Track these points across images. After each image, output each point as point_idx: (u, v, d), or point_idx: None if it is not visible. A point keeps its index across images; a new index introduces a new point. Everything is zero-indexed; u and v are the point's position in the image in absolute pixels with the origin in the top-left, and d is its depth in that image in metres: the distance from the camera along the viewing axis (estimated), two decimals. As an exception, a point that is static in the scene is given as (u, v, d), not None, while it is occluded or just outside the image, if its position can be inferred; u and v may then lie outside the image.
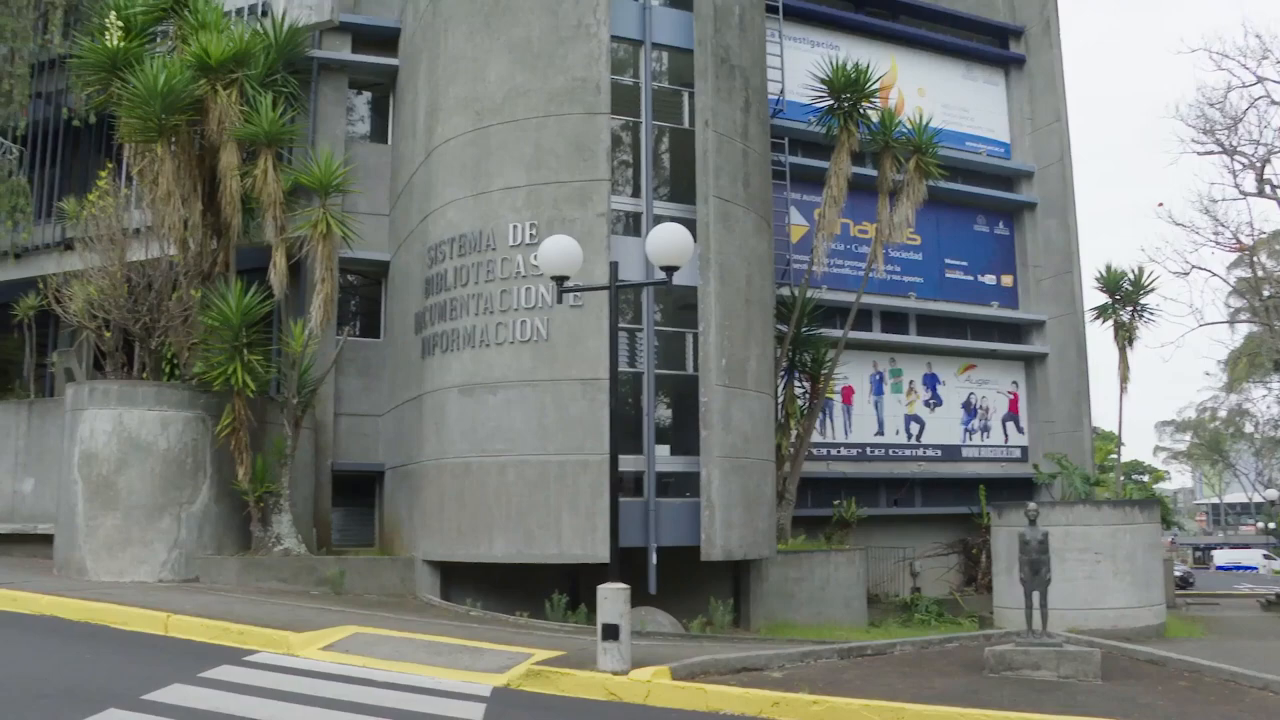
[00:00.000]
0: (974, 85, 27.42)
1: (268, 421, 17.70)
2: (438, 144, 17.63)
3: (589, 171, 16.32)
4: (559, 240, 11.74)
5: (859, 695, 9.66)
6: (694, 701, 9.81)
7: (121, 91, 17.40)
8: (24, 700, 8.63)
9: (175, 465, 16.65)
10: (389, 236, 20.51)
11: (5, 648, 11.28)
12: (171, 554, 16.45)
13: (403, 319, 19.13)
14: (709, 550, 16.16)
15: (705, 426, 16.38)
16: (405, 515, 18.22)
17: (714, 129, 17.15)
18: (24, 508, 19.77)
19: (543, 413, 15.91)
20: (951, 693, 10.06)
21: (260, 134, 17.29)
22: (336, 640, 11.90)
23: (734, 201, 17.34)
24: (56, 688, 9.28)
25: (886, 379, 25.06)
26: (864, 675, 11.01)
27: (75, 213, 18.86)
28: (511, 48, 17.11)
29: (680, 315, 17.15)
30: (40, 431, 19.71)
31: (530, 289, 16.21)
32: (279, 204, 17.55)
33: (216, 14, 18.39)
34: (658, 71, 17.79)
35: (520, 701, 9.78)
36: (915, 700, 9.49)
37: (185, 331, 17.49)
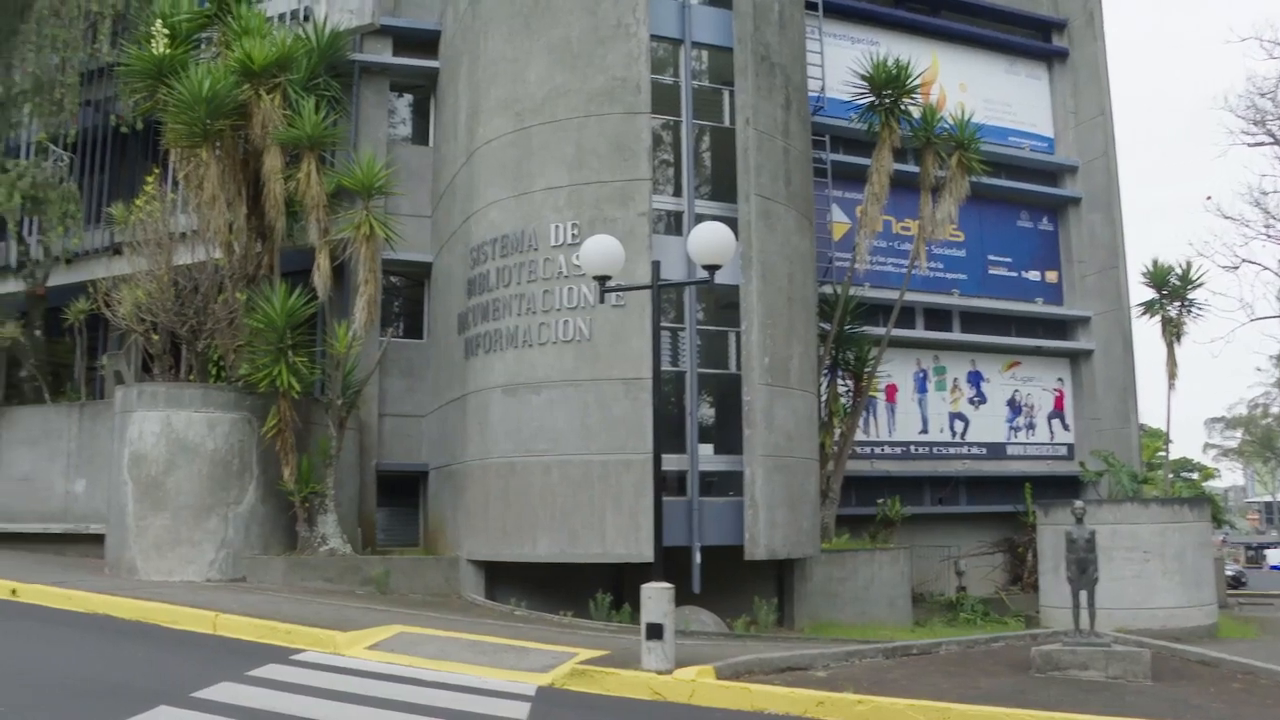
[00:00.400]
0: (1016, 80, 27.16)
1: (313, 422, 17.83)
2: (479, 145, 17.69)
3: (630, 171, 16.31)
4: (601, 240, 11.75)
5: (904, 695, 9.60)
6: (738, 701, 9.79)
7: (167, 98, 17.60)
8: (79, 696, 8.80)
9: (222, 466, 16.81)
10: (431, 238, 20.61)
11: (62, 645, 11.46)
12: (219, 554, 16.61)
13: (445, 320, 19.21)
14: (753, 549, 16.12)
15: (748, 425, 16.33)
16: (449, 515, 18.31)
17: (755, 127, 17.10)
18: (76, 508, 20.04)
19: (586, 412, 15.92)
20: (998, 693, 9.97)
21: (303, 137, 17.43)
22: (382, 639, 11.97)
23: (775, 199, 17.28)
24: (110, 684, 9.43)
25: (930, 377, 24.88)
26: (909, 675, 10.94)
27: (123, 218, 19.08)
28: (551, 48, 17.14)
29: (722, 314, 17.11)
30: (91, 433, 19.96)
31: (573, 289, 16.23)
32: (322, 206, 17.70)
33: (259, 20, 18.57)
34: (697, 70, 17.76)
35: (565, 701, 9.80)
36: (961, 700, 9.42)
37: (231, 334, 17.64)
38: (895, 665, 11.64)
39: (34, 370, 21.85)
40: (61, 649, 11.27)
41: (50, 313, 22.16)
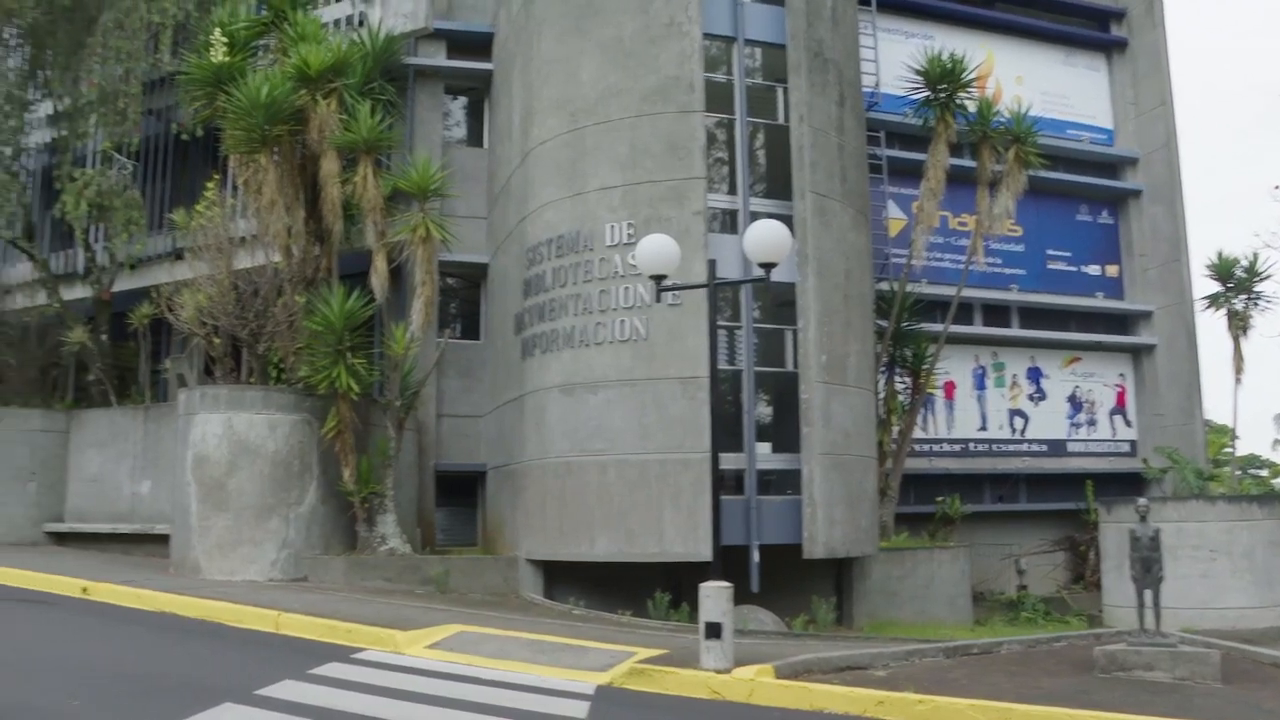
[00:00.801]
0: (1074, 71, 26.80)
1: (371, 423, 18.00)
2: (533, 146, 17.76)
3: (684, 170, 16.30)
4: (656, 239, 11.75)
5: (965, 695, 9.45)
6: (798, 700, 9.70)
7: (226, 105, 17.84)
8: (147, 693, 8.96)
9: (283, 467, 17.01)
10: (487, 239, 20.72)
11: (130, 642, 11.69)
12: (280, 554, 16.81)
13: (502, 320, 19.31)
14: (811, 548, 16.04)
15: (806, 423, 16.25)
16: (507, 515, 18.40)
17: (809, 124, 17.01)
18: (142, 509, 20.40)
19: (643, 412, 15.93)
20: (1060, 693, 9.77)
21: (359, 141, 17.58)
22: (442, 638, 12.03)
23: (831, 196, 17.18)
24: (176, 681, 9.58)
25: (989, 373, 24.62)
26: (970, 674, 10.79)
27: (185, 223, 19.36)
28: (604, 48, 17.16)
29: (779, 312, 17.04)
30: (156, 435, 20.30)
31: (629, 288, 16.24)
32: (379, 209, 17.83)
33: (315, 26, 18.76)
34: (750, 68, 17.69)
35: (624, 699, 9.79)
36: (1023, 700, 9.24)
37: (290, 336, 17.84)
38: (956, 665, 11.49)
39: (101, 374, 22.27)
40: (130, 646, 11.50)
41: (116, 318, 22.58)
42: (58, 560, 18.07)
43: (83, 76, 21.60)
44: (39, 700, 8.44)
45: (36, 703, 8.36)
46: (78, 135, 22.43)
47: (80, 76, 21.68)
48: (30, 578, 15.79)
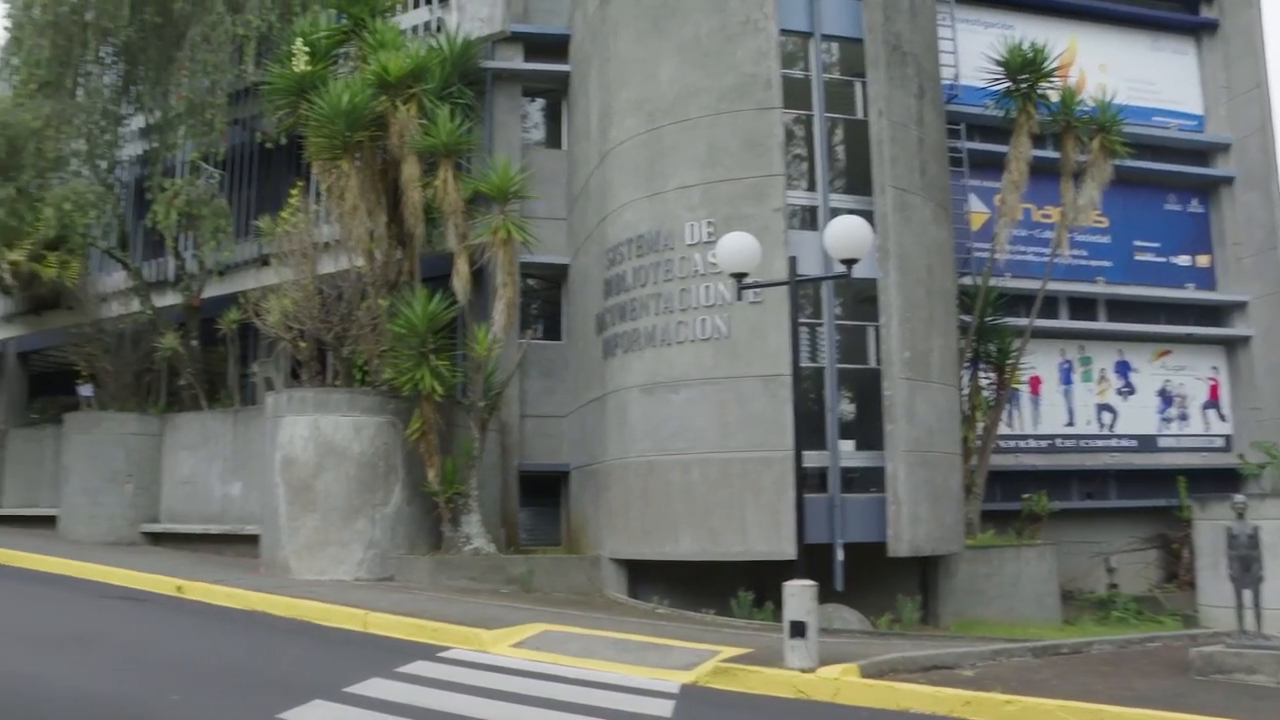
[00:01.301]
0: (1161, 56, 26.15)
1: (455, 425, 18.17)
2: (612, 146, 17.81)
3: (763, 167, 16.22)
4: (736, 237, 11.73)
5: (1054, 695, 9.25)
6: (883, 699, 9.61)
7: (309, 112, 18.16)
8: (240, 689, 9.20)
9: (368, 468, 17.26)
10: (567, 240, 20.81)
11: (222, 640, 11.95)
12: (367, 554, 17.06)
13: (583, 320, 19.40)
14: (896, 546, 15.88)
15: (889, 420, 16.09)
16: (591, 514, 18.47)
17: (888, 118, 16.84)
18: (233, 510, 20.83)
19: (724, 410, 15.89)
20: (1155, 695, 9.49)
21: (439, 145, 17.77)
22: (527, 637, 12.12)
23: (911, 191, 16.99)
24: (267, 679, 9.80)
25: (1076, 367, 24.15)
26: (1059, 674, 10.58)
27: (270, 230, 19.72)
28: (680, 47, 17.15)
29: (860, 308, 16.88)
30: (245, 438, 20.71)
31: (709, 287, 16.21)
32: (460, 212, 18.01)
33: (394, 33, 19.01)
34: (828, 63, 17.54)
35: (709, 698, 9.79)
36: (1115, 702, 9.00)
37: (374, 339, 18.07)
38: (1044, 664, 11.28)
39: (192, 378, 22.79)
40: (224, 643, 11.75)
41: (205, 323, 23.08)
42: (153, 559, 18.54)
43: (172, 90, 22.12)
44: (139, 694, 8.72)
45: (137, 697, 8.63)
46: (167, 147, 22.97)
47: (170, 90, 22.21)
48: (128, 576, 16.26)
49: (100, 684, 9.13)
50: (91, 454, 22.05)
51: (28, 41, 21.73)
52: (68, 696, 8.59)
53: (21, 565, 17.94)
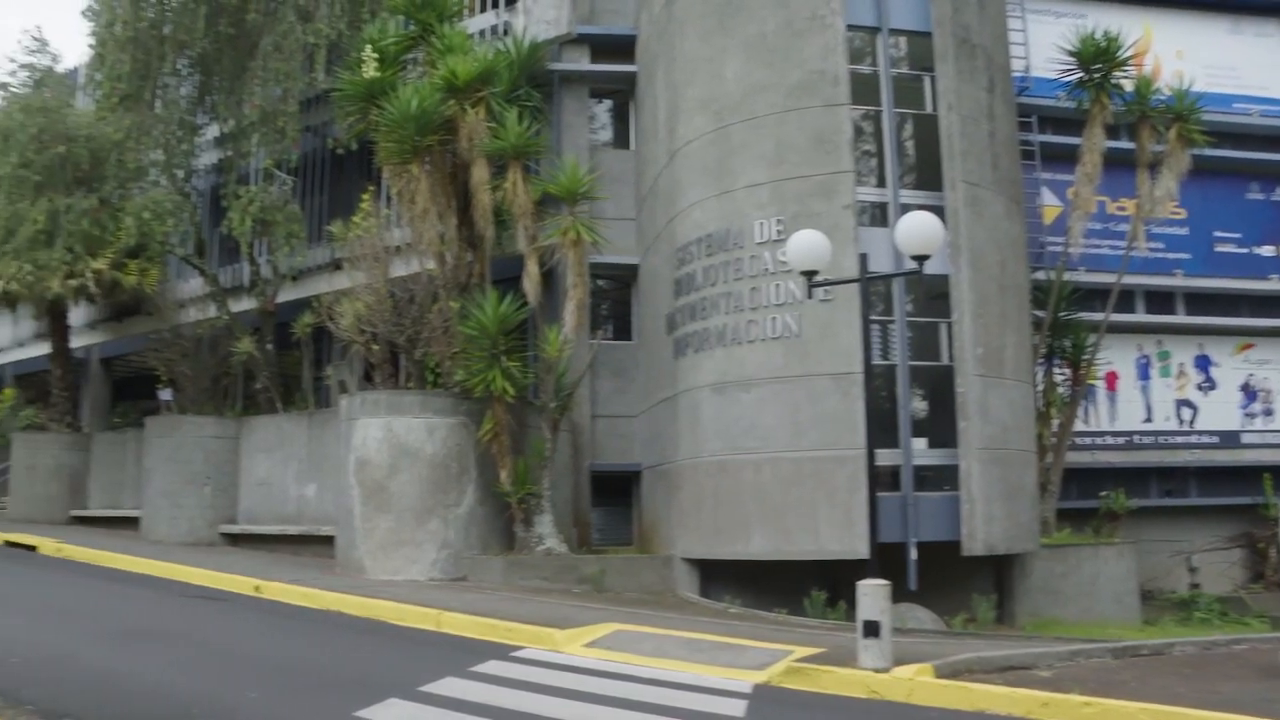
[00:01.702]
0: (1241, 40, 25.47)
1: (527, 425, 18.26)
2: (679, 146, 17.81)
3: (832, 164, 16.13)
4: (806, 235, 11.67)
5: (1135, 698, 9.02)
6: (958, 700, 9.48)
7: (378, 118, 18.36)
8: (317, 687, 9.36)
9: (441, 469, 17.40)
10: (636, 240, 20.85)
11: (300, 639, 12.14)
12: (440, 554, 17.20)
13: (653, 320, 19.42)
14: (970, 545, 15.69)
15: (962, 418, 15.91)
16: (662, 514, 18.48)
17: (957, 112, 16.65)
18: (308, 511, 21.12)
19: (796, 409, 15.82)
20: (1242, 699, 9.14)
21: (508, 148, 17.88)
22: (599, 637, 12.15)
23: (982, 185, 16.78)
24: (343, 677, 9.94)
25: (1154, 362, 23.67)
26: (1140, 676, 10.34)
27: (342, 235, 20.01)
28: (746, 45, 17.10)
29: (932, 305, 16.71)
30: (320, 440, 20.99)
31: (779, 285, 16.14)
32: (529, 214, 18.12)
33: (461, 37, 19.14)
34: (895, 58, 17.38)
35: (781, 698, 9.74)
36: (1199, 706, 8.71)
37: (446, 341, 18.23)
38: (1124, 666, 11.04)
39: (267, 382, 23.17)
40: (300, 642, 11.94)
41: (279, 327, 23.49)
42: (231, 560, 18.88)
43: (245, 99, 22.53)
44: (220, 691, 8.89)
45: (217, 693, 8.80)
46: (242, 155, 23.42)
47: (243, 99, 22.62)
48: (208, 576, 16.58)
49: (182, 680, 9.34)
50: (171, 457, 22.51)
51: (110, 57, 22.28)
52: (151, 692, 8.85)
53: (107, 565, 18.42)
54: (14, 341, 35.54)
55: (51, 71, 25.42)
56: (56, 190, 23.33)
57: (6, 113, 23.65)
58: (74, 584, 16.38)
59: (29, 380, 35.34)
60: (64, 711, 7.93)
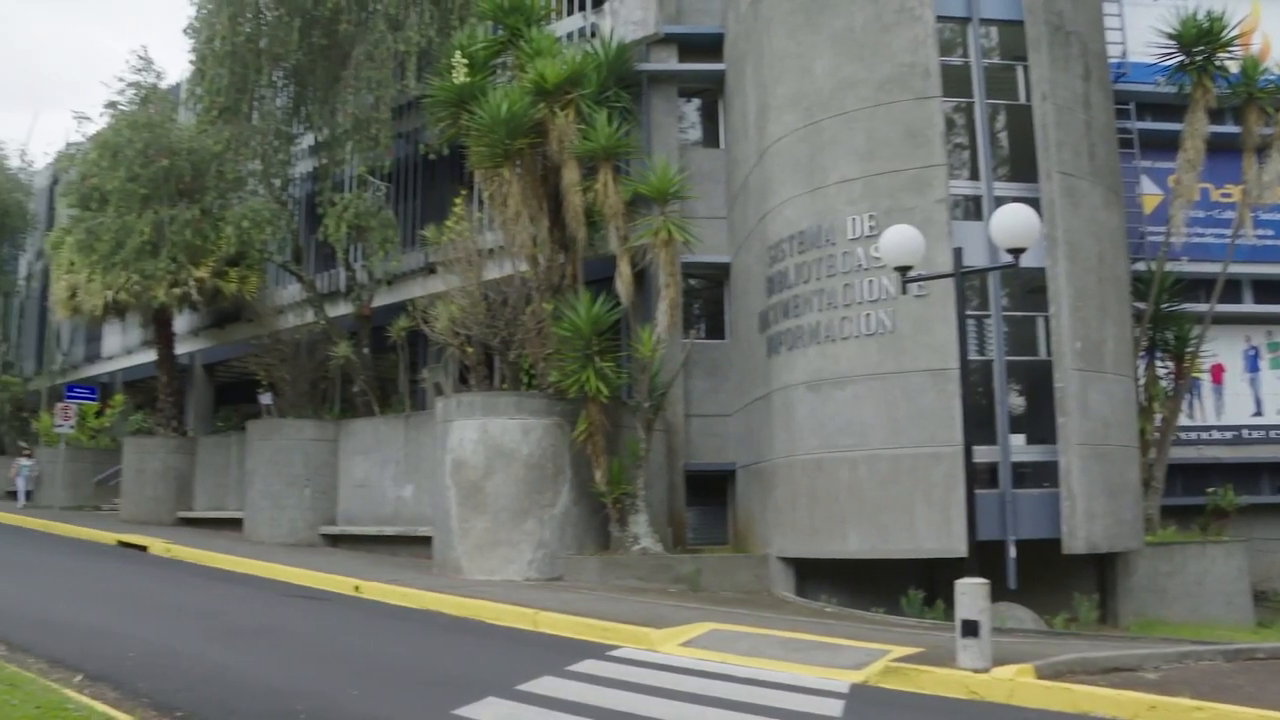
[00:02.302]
0: (1355, 16, 24.55)
1: (621, 425, 18.33)
2: (769, 143, 17.75)
3: (924, 158, 15.93)
4: (899, 230, 11.56)
5: (1250, 703, 8.68)
6: (1060, 702, 9.28)
7: (469, 123, 18.60)
8: (416, 685, 9.52)
9: (536, 470, 17.55)
10: (728, 238, 20.79)
11: (398, 637, 12.33)
12: (536, 554, 17.35)
13: (746, 319, 19.37)
14: (1070, 543, 15.38)
15: (1061, 413, 15.60)
16: (757, 513, 18.43)
17: (1052, 101, 16.33)
18: (405, 511, 21.45)
19: (892, 406, 15.65)
20: (1370, 707, 8.77)
21: (598, 149, 17.98)
22: (695, 636, 12.15)
23: (1078, 175, 16.44)
24: (442, 675, 10.09)
25: (1263, 354, 22.96)
26: (1254, 681, 9.97)
27: (435, 239, 20.28)
28: (835, 40, 16.98)
29: (1028, 299, 16.45)
30: (416, 442, 21.31)
31: (872, 281, 16.00)
32: (620, 215, 18.20)
33: (549, 41, 19.30)
34: (987, 48, 17.11)
35: (879, 698, 9.65)
36: (1324, 714, 8.35)
37: (540, 343, 18.38)
38: (1237, 670, 10.68)
39: (364, 385, 23.61)
40: (399, 640, 12.13)
41: (376, 331, 23.91)
42: (331, 560, 19.26)
43: (339, 108, 22.99)
44: (322, 688, 9.09)
45: (320, 690, 8.99)
46: (336, 163, 23.90)
47: (337, 108, 23.09)
48: (309, 576, 16.94)
49: (285, 677, 9.57)
50: (272, 459, 23.04)
51: (209, 72, 22.95)
52: (257, 687, 9.07)
53: (213, 565, 18.93)
54: (123, 349, 36.73)
55: (156, 88, 26.20)
56: (161, 202, 24.08)
57: (115, 129, 24.45)
58: (182, 583, 16.86)
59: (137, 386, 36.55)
60: (175, 705, 8.20)
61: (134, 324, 33.33)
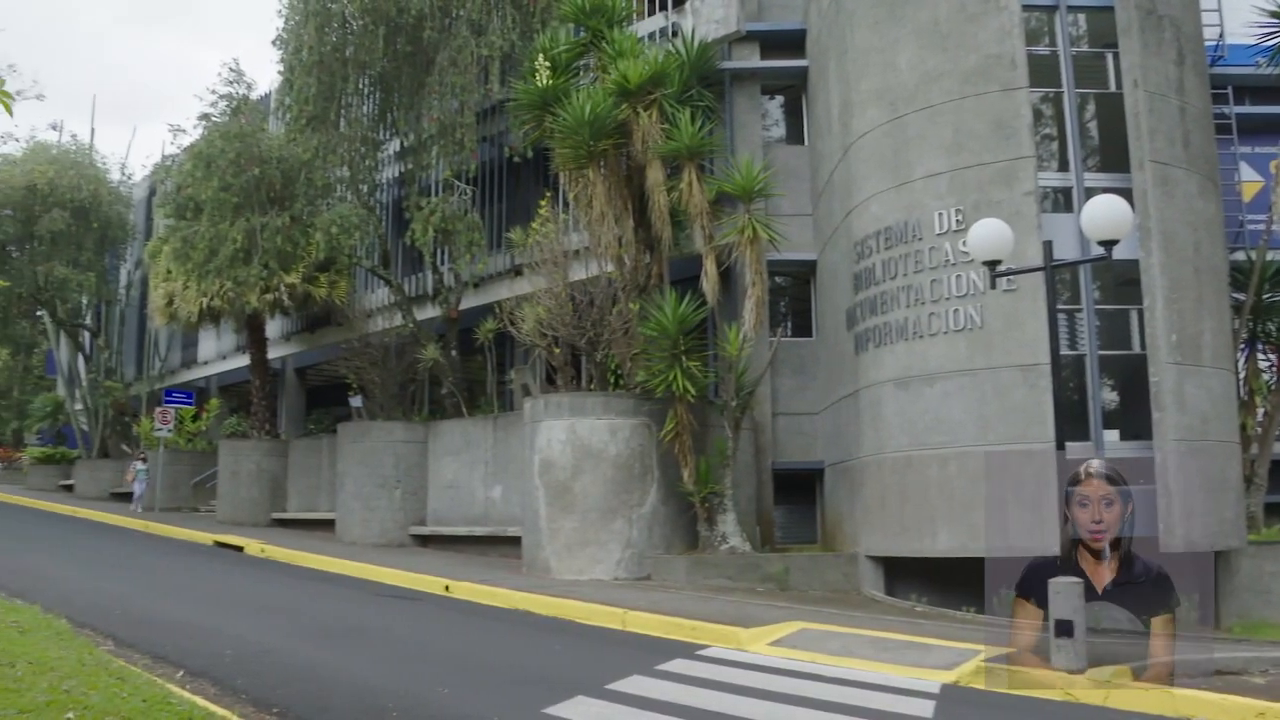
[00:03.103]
0: None
1: (708, 424, 18.32)
2: (854, 139, 17.62)
3: (1011, 150, 15.69)
4: (988, 224, 11.46)
5: (1370, 713, 8.37)
6: (1159, 705, 9.11)
7: (553, 125, 18.75)
8: (506, 684, 9.63)
9: (624, 470, 17.62)
10: (813, 235, 20.68)
11: (488, 637, 12.48)
12: (624, 553, 17.41)
13: (833, 316, 19.25)
14: (1168, 541, 15.01)
15: (1157, 408, 15.26)
16: (846, 511, 18.31)
17: (1144, 88, 15.97)
18: (494, 512, 21.67)
19: (982, 402, 15.45)
20: None
21: (682, 149, 18.00)
22: (784, 635, 12.12)
23: (1172, 164, 16.06)
24: (532, 674, 10.18)
25: (1369, 345, 22.20)
26: (1371, 689, 9.72)
27: (521, 241, 20.46)
28: (919, 33, 16.80)
29: (1121, 291, 16.12)
30: (504, 443, 21.51)
31: (960, 276, 15.80)
32: (705, 214, 18.20)
33: (631, 41, 19.37)
34: (1075, 36, 16.83)
35: (970, 699, 9.56)
36: None
37: (626, 343, 18.45)
38: (1354, 676, 10.43)
39: (453, 387, 23.89)
40: (489, 640, 12.27)
41: (463, 334, 24.19)
42: (421, 560, 19.55)
43: (424, 113, 23.29)
44: (413, 686, 9.24)
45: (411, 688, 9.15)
46: (422, 167, 24.20)
47: (422, 113, 23.40)
48: (400, 576, 17.23)
49: (377, 675, 9.74)
50: (363, 461, 23.42)
51: (297, 81, 23.39)
52: (349, 684, 9.28)
53: (306, 565, 19.34)
54: (218, 354, 37.65)
55: (246, 99, 26.79)
56: (253, 210, 24.62)
57: (208, 140, 25.06)
58: (277, 583, 17.25)
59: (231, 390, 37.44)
60: (272, 701, 8.44)
61: (228, 329, 34.20)
